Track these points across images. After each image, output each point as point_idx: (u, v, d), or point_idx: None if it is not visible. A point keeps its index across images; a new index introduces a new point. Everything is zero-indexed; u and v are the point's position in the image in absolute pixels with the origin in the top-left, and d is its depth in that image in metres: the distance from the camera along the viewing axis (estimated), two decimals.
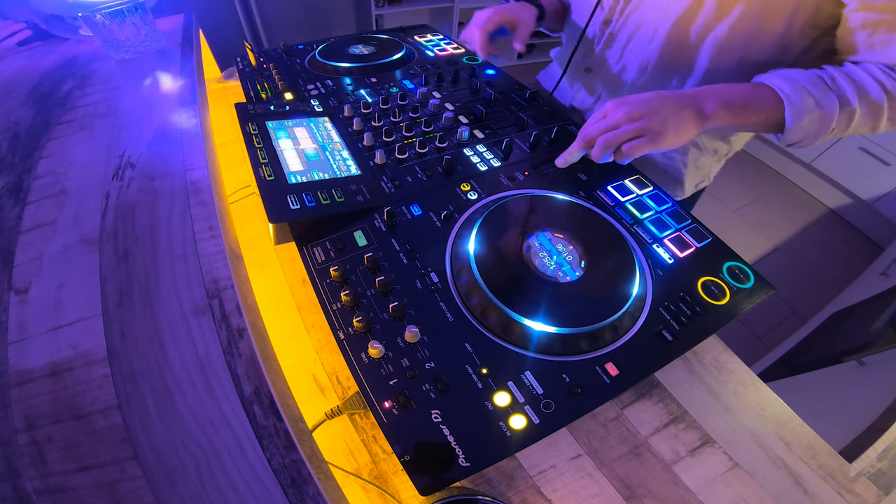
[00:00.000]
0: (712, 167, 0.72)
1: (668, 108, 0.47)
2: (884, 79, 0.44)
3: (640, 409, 0.45)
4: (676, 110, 0.47)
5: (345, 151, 0.58)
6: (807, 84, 0.45)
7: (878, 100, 0.44)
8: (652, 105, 0.47)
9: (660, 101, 0.47)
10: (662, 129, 0.46)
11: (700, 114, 0.47)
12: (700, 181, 0.73)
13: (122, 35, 0.73)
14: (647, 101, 0.47)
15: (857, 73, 0.45)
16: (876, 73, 0.44)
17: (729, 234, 0.94)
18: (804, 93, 0.44)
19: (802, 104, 0.44)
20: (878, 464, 0.44)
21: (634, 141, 0.47)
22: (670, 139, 0.46)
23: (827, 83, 0.45)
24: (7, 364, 0.35)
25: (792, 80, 0.45)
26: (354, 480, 0.42)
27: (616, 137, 0.47)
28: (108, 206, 0.47)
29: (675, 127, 0.46)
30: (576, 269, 0.44)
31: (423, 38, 0.91)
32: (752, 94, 0.47)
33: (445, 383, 0.37)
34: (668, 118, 0.46)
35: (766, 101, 0.46)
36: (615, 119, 0.48)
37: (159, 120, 0.60)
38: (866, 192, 1.93)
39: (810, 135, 0.47)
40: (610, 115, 0.48)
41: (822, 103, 0.44)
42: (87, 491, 0.29)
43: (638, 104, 0.47)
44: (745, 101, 0.47)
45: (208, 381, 0.33)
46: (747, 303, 0.45)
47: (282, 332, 0.54)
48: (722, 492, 0.40)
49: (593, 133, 0.49)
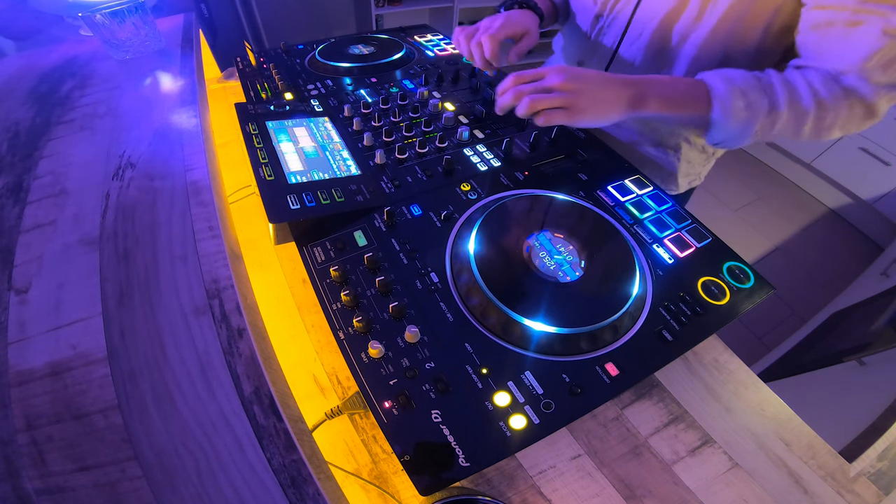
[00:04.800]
0: (703, 166, 0.74)
1: (604, 89, 0.48)
2: (819, 88, 0.44)
3: (640, 409, 0.45)
4: (610, 94, 0.48)
5: (345, 151, 0.58)
6: (742, 86, 0.46)
7: (807, 108, 0.44)
8: (589, 82, 0.48)
9: (600, 81, 0.49)
10: (587, 107, 0.48)
11: (634, 101, 0.49)
12: (692, 179, 0.75)
13: (122, 35, 0.73)
14: (587, 77, 0.49)
15: (795, 79, 0.46)
16: (814, 81, 0.45)
17: (729, 234, 0.94)
18: (737, 95, 0.46)
19: (731, 106, 0.46)
20: (878, 464, 0.44)
21: (555, 111, 0.48)
22: (590, 117, 0.48)
23: (763, 87, 0.46)
24: (7, 364, 0.35)
25: (729, 81, 0.46)
26: (354, 480, 0.42)
27: (541, 102, 0.48)
28: (108, 206, 0.47)
29: (601, 108, 0.48)
30: (576, 269, 0.44)
31: (423, 38, 0.91)
32: (688, 90, 0.49)
33: (445, 383, 0.37)
34: (598, 99, 0.48)
35: (698, 99, 0.48)
36: (550, 83, 0.49)
37: (159, 120, 0.60)
38: (866, 192, 1.93)
39: (734, 136, 0.49)
40: (548, 77, 0.49)
41: (752, 107, 0.45)
42: (87, 491, 0.29)
43: (576, 77, 0.48)
44: (680, 96, 0.49)
45: (208, 380, 0.33)
46: (747, 303, 0.45)
47: (282, 332, 0.54)
48: (722, 492, 0.40)
49: (525, 90, 0.50)
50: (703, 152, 0.70)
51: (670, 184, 0.73)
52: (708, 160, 0.73)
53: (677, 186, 0.74)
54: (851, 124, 0.46)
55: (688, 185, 0.75)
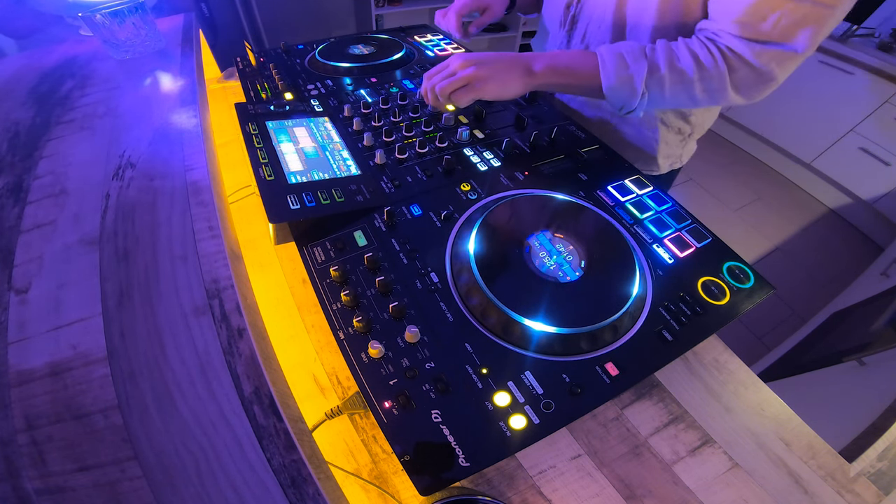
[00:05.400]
0: (681, 147, 0.76)
1: (500, 63, 0.54)
2: (698, 50, 0.48)
3: (640, 409, 0.45)
4: (507, 66, 0.54)
5: (345, 151, 0.58)
6: (625, 52, 0.51)
7: (686, 68, 0.48)
8: (487, 59, 0.54)
9: (495, 57, 0.55)
10: (486, 78, 0.53)
11: (528, 72, 0.54)
12: (672, 161, 0.76)
13: (122, 35, 0.73)
14: (486, 56, 0.54)
15: (676, 45, 0.50)
16: (694, 45, 0.49)
17: (729, 234, 0.94)
18: (619, 59, 0.51)
19: (614, 68, 0.51)
20: (878, 464, 0.44)
21: (461, 90, 0.53)
22: (493, 89, 0.53)
23: (645, 52, 0.51)
24: (7, 364, 0.35)
25: (614, 49, 0.52)
26: (354, 480, 0.42)
27: (448, 85, 0.53)
28: (108, 206, 0.47)
29: (501, 79, 0.53)
30: (576, 269, 0.44)
31: (423, 38, 0.91)
32: (578, 59, 0.55)
33: (445, 383, 0.37)
34: (497, 71, 0.53)
35: (587, 66, 0.53)
36: (451, 68, 0.55)
37: (159, 120, 0.60)
38: (866, 192, 1.92)
39: (625, 97, 0.53)
40: (450, 65, 0.55)
41: (632, 68, 0.50)
42: (87, 491, 0.29)
43: (475, 57, 0.54)
44: (568, 64, 0.55)
45: (208, 380, 0.33)
46: (747, 303, 0.45)
47: (282, 332, 0.54)
48: (722, 492, 0.40)
49: (435, 81, 0.56)
50: (678, 133, 0.72)
51: (651, 165, 0.75)
52: (684, 141, 0.75)
53: (658, 167, 0.75)
54: (744, 87, 0.48)
55: (669, 166, 0.77)
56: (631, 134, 0.73)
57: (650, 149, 0.73)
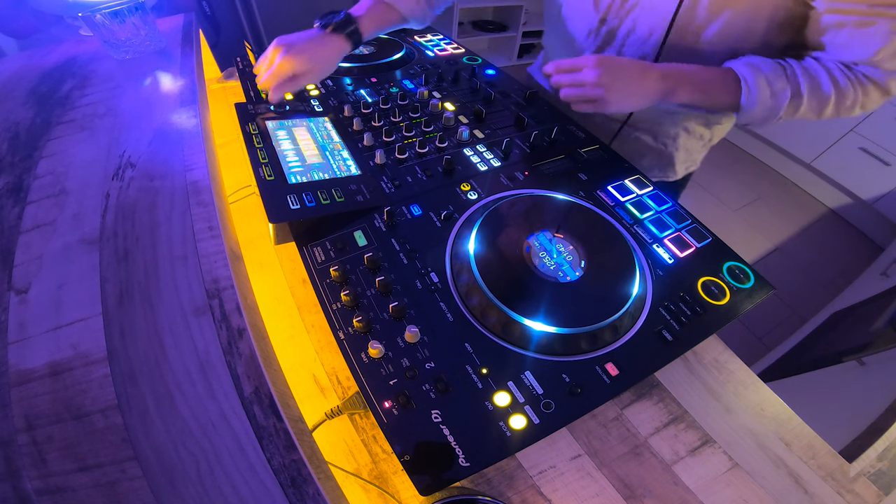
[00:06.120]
0: (699, 152, 0.76)
1: (635, 84, 0.51)
2: (838, 76, 0.49)
3: (640, 409, 0.45)
4: (641, 88, 0.52)
5: (345, 151, 0.58)
6: (769, 76, 0.50)
7: (827, 93, 0.49)
8: (620, 77, 0.51)
9: (633, 75, 0.51)
10: (614, 101, 0.51)
11: (664, 94, 0.53)
12: (689, 165, 0.77)
13: (122, 35, 0.73)
14: (621, 71, 0.51)
15: (814, 68, 0.50)
16: (833, 69, 0.49)
17: (729, 234, 0.94)
18: (763, 84, 0.50)
19: (758, 94, 0.50)
20: (878, 464, 0.44)
21: (586, 105, 0.52)
22: (616, 109, 0.52)
23: (787, 75, 0.50)
24: (7, 364, 0.35)
25: (756, 70, 0.50)
26: (354, 480, 0.42)
27: (574, 96, 0.52)
28: (108, 205, 0.47)
29: (629, 102, 0.52)
30: (576, 269, 0.44)
31: (423, 38, 0.91)
32: (717, 79, 0.53)
33: (445, 383, 0.37)
34: (627, 93, 0.51)
35: (727, 88, 0.52)
36: (583, 78, 0.51)
37: (159, 120, 0.60)
38: (866, 192, 1.92)
39: (760, 119, 0.53)
40: (584, 71, 0.51)
41: (777, 95, 0.50)
42: (87, 491, 0.29)
43: (610, 72, 0.50)
44: (709, 87, 0.53)
45: (208, 381, 0.33)
46: (747, 303, 0.45)
47: (282, 332, 0.54)
48: (722, 492, 0.40)
49: (562, 81, 0.53)
50: (700, 140, 0.72)
51: (668, 171, 0.75)
52: (705, 146, 0.75)
53: (675, 173, 0.75)
54: (870, 103, 0.50)
55: (685, 170, 0.77)
56: (648, 140, 0.72)
57: (669, 156, 0.73)
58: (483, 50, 2.92)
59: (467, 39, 2.71)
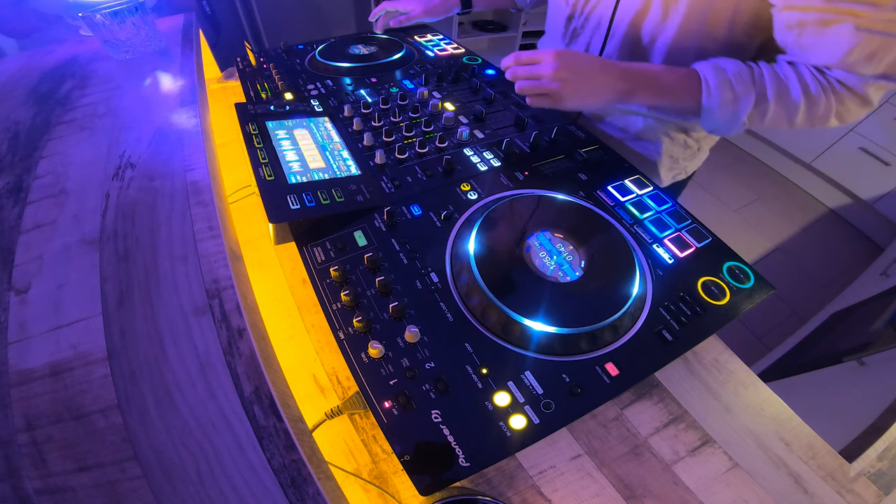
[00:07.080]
0: (688, 160, 0.74)
1: (593, 80, 0.50)
2: (810, 81, 0.46)
3: (640, 409, 0.45)
4: (598, 85, 0.50)
5: (345, 151, 0.58)
6: (732, 77, 0.48)
7: (796, 100, 0.47)
8: (580, 71, 0.50)
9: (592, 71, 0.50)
10: (569, 96, 0.50)
11: (623, 94, 0.51)
12: (676, 173, 0.75)
13: (122, 35, 0.73)
14: (580, 65, 0.50)
15: (785, 73, 0.47)
16: (804, 74, 0.46)
17: (729, 234, 0.94)
18: (726, 86, 0.48)
19: (719, 96, 0.48)
20: (878, 464, 0.44)
21: (541, 99, 0.51)
22: (572, 105, 0.51)
23: (754, 79, 0.48)
24: (7, 364, 0.35)
25: (720, 71, 0.48)
26: (354, 480, 0.42)
27: (530, 88, 0.51)
28: (108, 205, 0.47)
29: (585, 98, 0.51)
30: (576, 269, 0.44)
31: (423, 38, 0.91)
32: (680, 81, 0.51)
33: (445, 383, 0.37)
34: (583, 89, 0.50)
35: (690, 90, 0.50)
36: (540, 71, 0.50)
37: (159, 120, 0.60)
38: (866, 192, 1.92)
39: (723, 124, 0.51)
40: (542, 64, 0.50)
41: (739, 98, 0.48)
42: (87, 491, 0.29)
43: (568, 66, 0.49)
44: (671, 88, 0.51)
45: (208, 381, 0.33)
46: (747, 303, 0.45)
47: (282, 332, 0.54)
48: (722, 492, 0.40)
49: (518, 73, 0.52)
50: (686, 147, 0.70)
51: (653, 177, 0.73)
52: (694, 155, 0.73)
53: (661, 181, 0.74)
54: (847, 114, 0.47)
55: (672, 178, 0.75)
56: (632, 144, 0.71)
57: (652, 160, 0.71)
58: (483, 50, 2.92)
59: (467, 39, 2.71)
